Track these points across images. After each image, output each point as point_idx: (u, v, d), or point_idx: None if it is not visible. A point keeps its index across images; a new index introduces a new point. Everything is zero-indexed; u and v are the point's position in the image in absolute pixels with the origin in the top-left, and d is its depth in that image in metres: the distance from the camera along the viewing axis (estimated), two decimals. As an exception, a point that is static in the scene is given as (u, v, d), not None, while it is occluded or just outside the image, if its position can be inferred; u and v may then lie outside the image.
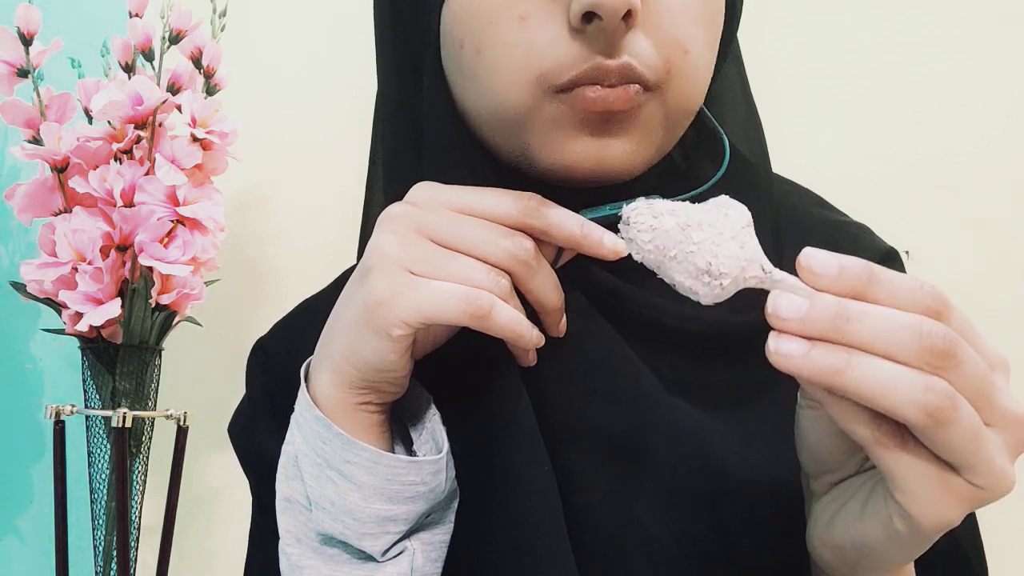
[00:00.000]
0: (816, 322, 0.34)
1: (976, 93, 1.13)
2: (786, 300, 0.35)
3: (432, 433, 0.46)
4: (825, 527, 0.41)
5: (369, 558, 0.45)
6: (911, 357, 0.34)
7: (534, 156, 0.47)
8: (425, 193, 0.45)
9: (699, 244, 0.37)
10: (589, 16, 0.42)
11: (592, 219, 0.45)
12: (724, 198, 0.40)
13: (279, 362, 0.54)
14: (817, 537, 0.42)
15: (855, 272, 0.35)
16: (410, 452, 0.47)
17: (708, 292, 0.38)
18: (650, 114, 0.45)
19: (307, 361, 0.48)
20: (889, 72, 1.13)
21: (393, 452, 0.46)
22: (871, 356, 0.34)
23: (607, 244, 0.44)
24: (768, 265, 0.37)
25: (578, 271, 0.47)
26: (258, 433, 0.53)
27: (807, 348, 0.34)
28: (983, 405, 0.35)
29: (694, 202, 0.41)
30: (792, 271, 0.38)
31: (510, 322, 0.43)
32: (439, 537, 0.47)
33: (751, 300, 0.46)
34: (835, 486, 0.42)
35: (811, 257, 0.35)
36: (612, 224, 0.45)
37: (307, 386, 0.46)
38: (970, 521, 0.53)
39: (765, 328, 0.45)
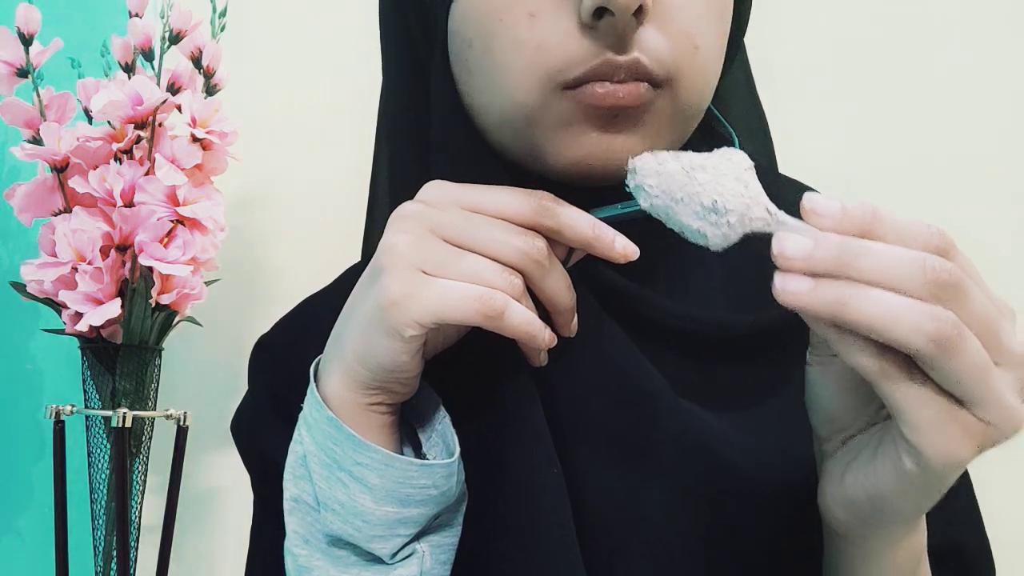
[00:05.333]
0: (821, 259, 0.35)
1: (984, 93, 1.13)
2: (791, 240, 0.35)
3: (443, 436, 0.46)
4: (838, 482, 0.41)
5: (378, 560, 0.45)
6: (916, 288, 0.34)
7: (544, 154, 0.47)
8: (437, 192, 0.45)
9: (704, 184, 0.38)
10: (600, 12, 0.42)
11: (603, 218, 0.45)
12: (726, 147, 0.40)
13: (281, 359, 0.54)
14: (830, 495, 0.42)
15: (859, 212, 0.35)
16: (418, 454, 0.47)
17: (716, 232, 0.38)
18: (660, 110, 0.45)
19: (316, 360, 0.47)
20: (896, 73, 1.13)
21: (402, 454, 0.46)
22: (876, 288, 0.34)
23: (618, 246, 0.44)
24: (773, 208, 0.38)
25: (586, 271, 0.47)
26: (260, 430, 0.53)
27: (813, 284, 0.35)
28: (990, 342, 0.35)
29: None
30: None
31: (523, 322, 0.42)
32: (448, 539, 0.47)
33: (758, 300, 0.46)
34: (846, 444, 0.41)
35: (814, 200, 0.36)
36: (623, 223, 0.45)
37: (316, 386, 0.46)
38: (975, 518, 0.53)
39: (772, 329, 0.45)
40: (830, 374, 0.40)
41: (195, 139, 0.94)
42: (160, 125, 0.94)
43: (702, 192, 0.38)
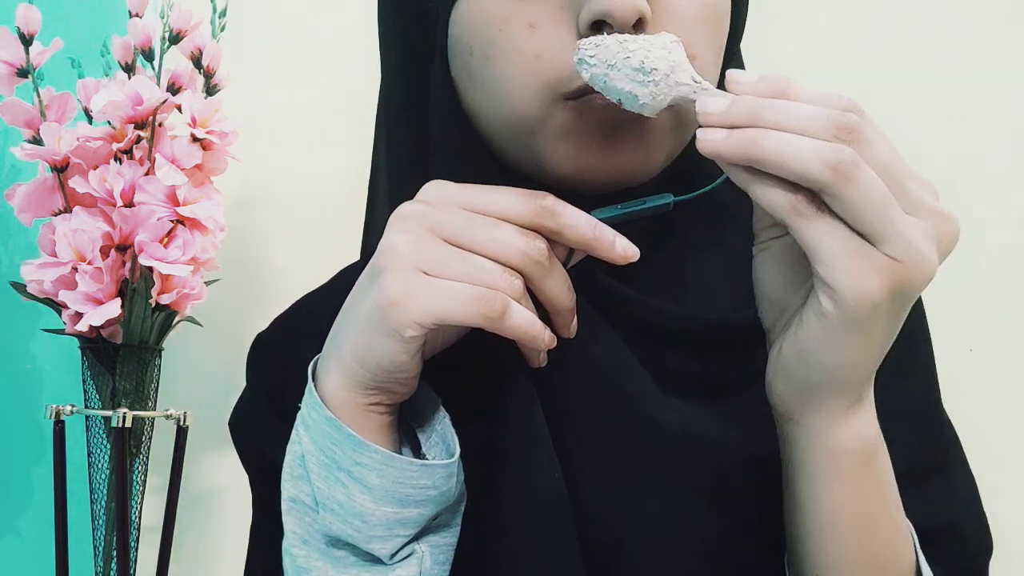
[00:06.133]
0: (736, 112, 0.39)
1: (985, 93, 1.13)
2: (712, 99, 0.40)
3: (443, 436, 0.46)
4: (777, 354, 0.43)
5: (377, 561, 0.45)
6: (818, 131, 0.37)
7: (545, 164, 0.47)
8: (437, 191, 0.45)
9: (634, 51, 0.42)
10: (599, 24, 0.42)
11: (603, 219, 0.45)
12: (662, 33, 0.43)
13: (279, 356, 0.55)
14: (771, 370, 0.44)
15: (774, 79, 0.39)
16: (416, 455, 0.47)
17: (645, 92, 0.42)
18: (660, 122, 0.45)
19: (314, 359, 0.47)
20: (895, 73, 1.13)
21: (400, 454, 0.46)
22: (783, 132, 0.37)
23: (618, 247, 0.44)
24: (698, 77, 0.42)
25: (585, 272, 0.47)
26: (258, 428, 0.53)
27: (728, 132, 0.39)
28: (895, 188, 0.37)
29: (703, 199, 0.44)
30: None
31: (524, 323, 0.42)
32: (447, 540, 0.47)
33: (749, 299, 0.46)
34: (788, 324, 0.43)
35: (734, 72, 0.40)
36: (622, 224, 0.45)
37: (315, 385, 0.46)
38: (974, 499, 0.53)
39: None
40: (770, 256, 0.44)
41: (195, 139, 0.94)
42: (160, 125, 0.94)
43: (632, 57, 0.42)
